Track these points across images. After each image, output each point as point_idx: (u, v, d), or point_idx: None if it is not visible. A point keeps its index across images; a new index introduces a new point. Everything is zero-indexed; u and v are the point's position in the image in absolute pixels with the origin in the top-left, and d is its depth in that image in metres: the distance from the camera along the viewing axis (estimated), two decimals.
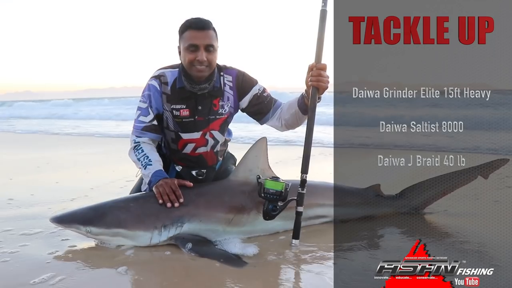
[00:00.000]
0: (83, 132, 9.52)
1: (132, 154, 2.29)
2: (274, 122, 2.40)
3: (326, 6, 2.03)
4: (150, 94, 2.27)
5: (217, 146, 2.42)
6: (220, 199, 2.18)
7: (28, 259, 1.97)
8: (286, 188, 2.02)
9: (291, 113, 2.29)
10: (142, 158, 2.23)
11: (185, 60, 2.18)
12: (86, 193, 3.31)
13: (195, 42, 2.13)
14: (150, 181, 2.17)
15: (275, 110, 2.37)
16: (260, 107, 2.37)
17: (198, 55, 2.13)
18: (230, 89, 2.34)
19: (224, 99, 2.33)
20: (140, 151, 2.25)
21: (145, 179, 2.23)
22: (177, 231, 2.05)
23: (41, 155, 5.63)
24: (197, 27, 2.14)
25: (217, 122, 2.35)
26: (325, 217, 2.39)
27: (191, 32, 2.14)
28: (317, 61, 2.04)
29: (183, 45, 2.18)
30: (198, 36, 2.13)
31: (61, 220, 2.09)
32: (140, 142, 2.28)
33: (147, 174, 2.20)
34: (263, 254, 1.98)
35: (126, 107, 16.53)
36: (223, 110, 2.34)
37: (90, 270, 1.84)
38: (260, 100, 2.36)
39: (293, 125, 2.36)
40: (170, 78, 2.27)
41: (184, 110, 2.27)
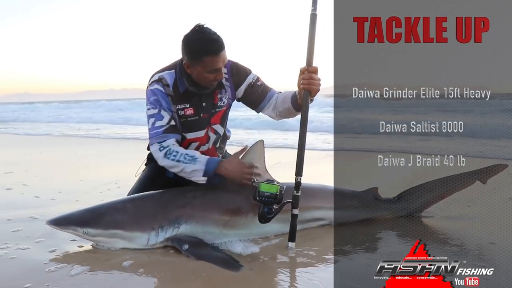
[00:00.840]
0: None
1: (167, 161, 2.17)
2: (269, 112, 2.43)
3: (316, 10, 2.06)
4: (158, 98, 2.23)
5: (218, 141, 2.44)
6: (217, 201, 2.17)
7: (24, 261, 1.95)
8: (281, 191, 2.01)
9: (285, 107, 2.32)
10: (183, 158, 2.13)
11: (203, 79, 2.17)
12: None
13: (218, 67, 2.13)
14: (206, 171, 2.10)
15: (270, 98, 2.40)
16: (255, 96, 2.40)
17: (218, 75, 2.16)
18: (227, 80, 2.35)
19: (222, 91, 2.36)
20: (174, 153, 2.15)
21: (196, 175, 2.13)
22: (174, 232, 2.04)
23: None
24: (216, 51, 2.10)
25: (217, 115, 2.38)
26: (323, 220, 2.38)
27: (212, 57, 2.10)
28: (308, 64, 2.06)
29: (202, 68, 2.13)
30: (219, 60, 2.12)
31: (58, 222, 2.07)
32: (169, 145, 2.19)
33: (198, 167, 2.11)
34: (260, 257, 1.98)
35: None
36: (221, 102, 2.37)
37: (86, 273, 1.82)
38: (255, 89, 2.39)
39: (286, 117, 2.40)
40: (169, 80, 2.25)
41: (188, 109, 2.27)
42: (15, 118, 16.88)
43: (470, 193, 2.54)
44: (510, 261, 1.92)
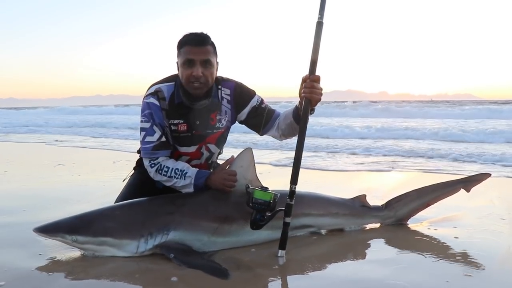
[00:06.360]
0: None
1: (159, 176, 2.24)
2: (273, 133, 2.42)
3: (323, 18, 2.02)
4: (152, 112, 2.23)
5: (211, 158, 2.44)
6: (205, 208, 2.17)
7: (8, 270, 1.92)
8: (275, 199, 2.02)
9: (287, 123, 2.30)
10: (173, 173, 2.20)
11: (182, 76, 2.17)
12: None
13: (192, 57, 2.12)
14: (196, 185, 2.19)
15: (274, 120, 2.39)
16: (259, 119, 2.38)
17: (194, 70, 2.12)
18: (228, 102, 2.34)
19: (222, 113, 2.34)
20: (166, 169, 2.21)
21: (188, 189, 2.22)
22: (163, 239, 2.03)
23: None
24: (194, 42, 2.12)
25: (213, 136, 2.36)
26: (311, 227, 2.39)
27: (188, 47, 2.13)
28: (310, 73, 2.03)
29: (180, 60, 2.16)
30: (194, 51, 2.12)
31: (45, 230, 2.04)
32: (159, 162, 2.24)
33: (189, 182, 2.19)
34: (249, 265, 1.97)
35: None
36: (220, 124, 2.34)
37: (74, 281, 1.80)
38: (259, 112, 2.37)
39: (289, 134, 2.37)
40: (166, 93, 2.24)
41: (182, 125, 2.26)
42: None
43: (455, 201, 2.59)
44: (496, 266, 1.96)
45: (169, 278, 1.81)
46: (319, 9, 2.03)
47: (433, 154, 5.90)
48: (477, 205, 3.02)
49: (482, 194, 3.14)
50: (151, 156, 2.25)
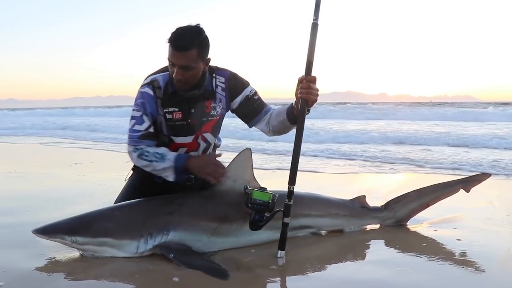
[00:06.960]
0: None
1: (140, 161, 2.25)
2: (262, 126, 2.43)
3: (318, 20, 2.03)
4: (144, 102, 2.25)
5: (208, 150, 2.44)
6: (204, 208, 2.17)
7: (7, 271, 1.92)
8: (274, 199, 2.02)
9: (279, 120, 2.32)
10: (153, 157, 2.21)
11: (170, 70, 2.19)
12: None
13: (172, 61, 2.12)
14: (176, 167, 2.18)
15: (264, 114, 2.40)
16: (250, 110, 2.40)
17: (174, 72, 2.12)
18: (222, 90, 2.35)
19: (216, 101, 2.35)
20: (146, 153, 2.22)
21: (168, 172, 2.21)
22: (163, 239, 2.03)
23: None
24: (176, 47, 2.09)
25: (209, 124, 2.37)
26: (310, 228, 2.39)
27: (170, 48, 2.11)
28: (307, 74, 2.04)
29: (168, 55, 2.15)
30: (175, 55, 2.10)
31: (44, 231, 2.03)
32: (142, 147, 2.25)
33: (168, 165, 2.19)
34: (249, 266, 1.97)
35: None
36: (215, 111, 2.36)
37: (74, 282, 1.80)
38: (251, 102, 2.38)
39: (280, 132, 2.38)
40: (162, 82, 2.26)
41: (176, 113, 2.26)
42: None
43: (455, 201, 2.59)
44: (496, 267, 1.96)
45: (169, 279, 1.81)
46: (314, 11, 2.04)
47: (432, 154, 5.89)
48: (477, 206, 3.02)
49: (481, 195, 3.14)
50: (136, 144, 2.26)
